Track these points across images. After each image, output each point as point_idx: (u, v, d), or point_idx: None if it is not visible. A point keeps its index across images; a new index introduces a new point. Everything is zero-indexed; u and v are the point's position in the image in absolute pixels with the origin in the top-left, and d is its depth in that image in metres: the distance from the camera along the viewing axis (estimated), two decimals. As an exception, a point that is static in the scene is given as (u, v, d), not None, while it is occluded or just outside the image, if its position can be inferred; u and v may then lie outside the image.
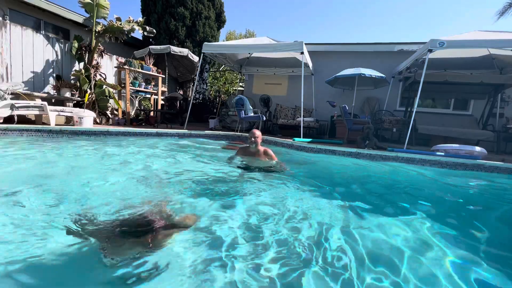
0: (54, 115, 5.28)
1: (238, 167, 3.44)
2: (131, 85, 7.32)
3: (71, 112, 5.55)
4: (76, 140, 4.66)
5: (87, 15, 6.74)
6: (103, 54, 7.04)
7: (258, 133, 3.42)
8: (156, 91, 8.09)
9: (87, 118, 5.43)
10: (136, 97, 8.40)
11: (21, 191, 2.16)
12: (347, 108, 6.65)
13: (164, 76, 8.28)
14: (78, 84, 6.50)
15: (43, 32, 7.18)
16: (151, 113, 8.07)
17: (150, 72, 7.51)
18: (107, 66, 7.92)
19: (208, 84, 13.06)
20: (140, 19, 7.16)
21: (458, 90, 6.92)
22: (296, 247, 1.59)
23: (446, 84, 6.27)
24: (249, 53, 8.38)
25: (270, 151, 3.49)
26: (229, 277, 1.27)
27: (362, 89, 7.91)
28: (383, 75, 6.50)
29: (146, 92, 8.21)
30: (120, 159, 3.64)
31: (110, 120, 6.92)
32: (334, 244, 1.66)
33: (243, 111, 6.80)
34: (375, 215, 2.18)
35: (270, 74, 9.45)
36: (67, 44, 7.03)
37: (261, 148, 3.49)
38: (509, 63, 6.55)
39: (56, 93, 6.33)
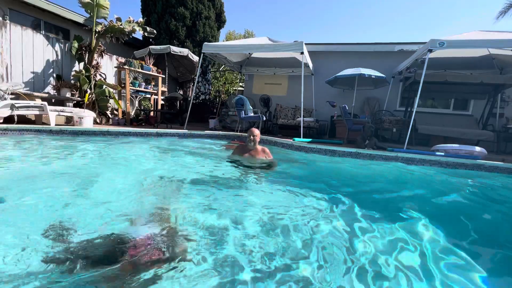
0: (54, 115, 5.28)
1: (237, 165, 3.47)
2: (131, 85, 7.32)
3: (71, 112, 5.55)
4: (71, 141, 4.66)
5: (87, 15, 6.75)
6: (103, 54, 7.05)
7: (257, 131, 3.55)
8: (156, 91, 8.09)
9: (87, 118, 5.44)
10: (136, 97, 8.40)
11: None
12: (347, 108, 6.65)
13: (164, 76, 8.27)
14: (78, 84, 6.50)
15: (43, 32, 7.18)
16: (151, 113, 8.08)
17: (150, 72, 7.51)
18: (107, 66, 7.92)
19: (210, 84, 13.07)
20: (141, 19, 7.16)
21: (458, 90, 6.92)
22: (297, 245, 1.59)
23: (446, 84, 6.27)
24: (249, 53, 8.38)
25: (267, 150, 3.64)
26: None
27: (362, 89, 7.91)
28: (383, 75, 6.50)
29: (146, 92, 8.21)
30: (115, 160, 3.64)
31: (110, 120, 6.92)
32: (330, 241, 1.66)
33: (243, 111, 6.80)
34: (373, 215, 2.17)
35: (270, 74, 9.45)
36: (67, 44, 7.03)
37: (259, 147, 3.63)
38: (509, 63, 6.54)
39: (56, 93, 6.33)
